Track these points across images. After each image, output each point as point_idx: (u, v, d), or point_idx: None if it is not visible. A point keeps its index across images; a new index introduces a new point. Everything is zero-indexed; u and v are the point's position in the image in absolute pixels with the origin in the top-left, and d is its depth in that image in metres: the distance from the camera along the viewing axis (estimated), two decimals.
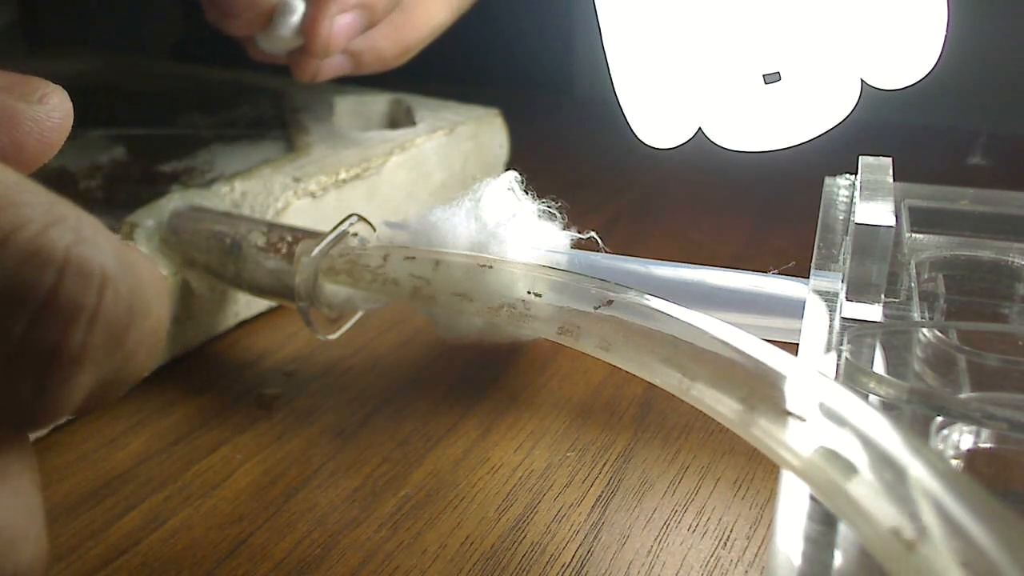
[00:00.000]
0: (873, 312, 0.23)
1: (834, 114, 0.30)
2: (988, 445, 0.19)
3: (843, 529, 0.16)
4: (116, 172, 0.38)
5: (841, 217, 0.28)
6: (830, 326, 0.23)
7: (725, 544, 0.23)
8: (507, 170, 0.29)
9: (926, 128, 0.54)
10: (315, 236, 0.29)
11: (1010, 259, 0.25)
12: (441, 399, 0.29)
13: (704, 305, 0.24)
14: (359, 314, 0.30)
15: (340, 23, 0.34)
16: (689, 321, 0.20)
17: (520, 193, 0.28)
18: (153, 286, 0.13)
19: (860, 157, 0.28)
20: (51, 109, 0.18)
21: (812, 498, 0.16)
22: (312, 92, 0.44)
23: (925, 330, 0.22)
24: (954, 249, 0.26)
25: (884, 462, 0.15)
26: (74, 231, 0.13)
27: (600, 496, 0.24)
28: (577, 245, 0.29)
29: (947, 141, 0.53)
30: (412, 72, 0.42)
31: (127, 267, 0.13)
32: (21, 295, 0.12)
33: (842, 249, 0.26)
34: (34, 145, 0.17)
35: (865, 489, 0.15)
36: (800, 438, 0.17)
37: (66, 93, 0.18)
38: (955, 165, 0.49)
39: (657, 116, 0.31)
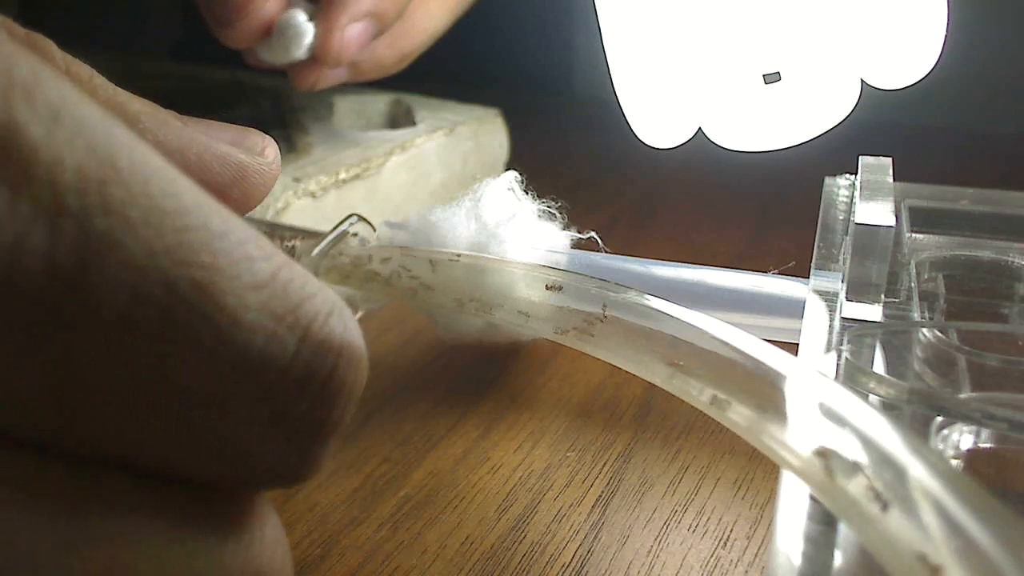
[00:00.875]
0: (873, 312, 0.23)
1: (834, 114, 0.30)
2: (988, 445, 0.19)
3: (843, 529, 0.16)
4: None
5: (841, 217, 0.28)
6: (830, 326, 0.23)
7: (725, 544, 0.23)
8: (507, 170, 0.29)
9: (926, 128, 0.54)
10: (315, 236, 0.29)
11: (1010, 259, 0.25)
12: (441, 399, 0.29)
13: (704, 305, 0.24)
14: (359, 314, 0.30)
15: (351, 33, 0.34)
16: (689, 321, 0.20)
17: (520, 193, 0.28)
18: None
19: (860, 157, 0.28)
20: (271, 161, 0.20)
21: (812, 498, 0.16)
22: (312, 93, 0.44)
23: (925, 330, 0.22)
24: (954, 249, 0.26)
25: (884, 462, 0.15)
26: (343, 318, 0.14)
27: (600, 496, 0.24)
28: (577, 245, 0.29)
29: (947, 141, 0.53)
30: (412, 72, 0.42)
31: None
32: (309, 381, 0.13)
33: (842, 249, 0.26)
34: (257, 195, 0.19)
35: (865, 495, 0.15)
36: (800, 438, 0.17)
37: (274, 142, 0.20)
38: (955, 165, 0.49)
39: (657, 116, 0.31)
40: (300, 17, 0.34)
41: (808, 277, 0.25)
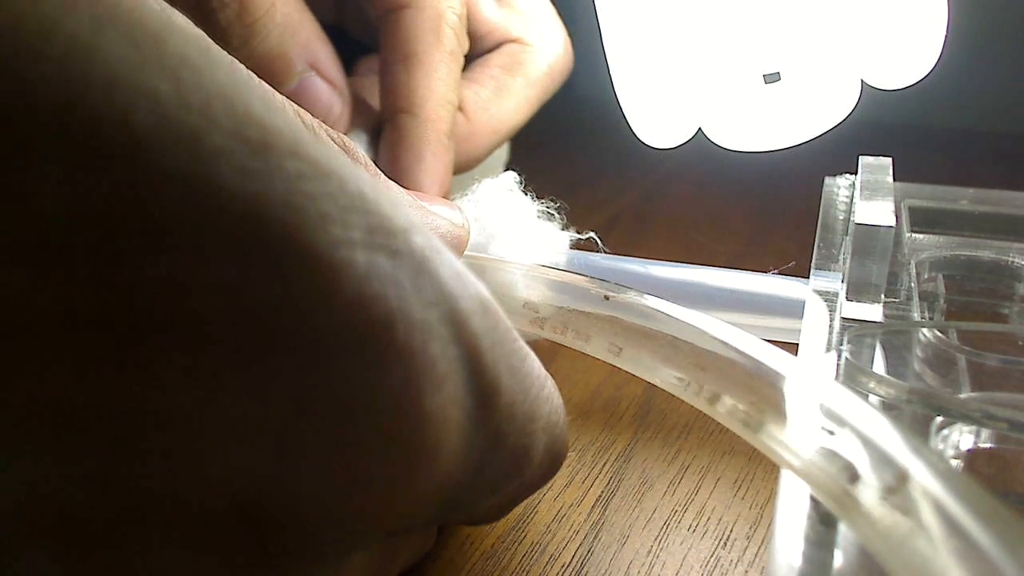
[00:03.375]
0: (873, 312, 0.23)
1: (834, 114, 0.30)
2: (988, 445, 0.19)
3: (843, 529, 0.16)
4: None
5: (841, 217, 0.28)
6: (830, 326, 0.23)
7: (725, 544, 0.23)
8: (507, 170, 0.29)
9: (926, 128, 0.54)
10: None
11: (1010, 259, 0.25)
12: None
13: (704, 305, 0.24)
14: None
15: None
16: (689, 321, 0.20)
17: (520, 193, 0.28)
18: None
19: (860, 157, 0.28)
20: (467, 231, 0.25)
21: (812, 498, 0.16)
22: None
23: (925, 330, 0.22)
24: (954, 249, 0.26)
25: (884, 462, 0.15)
26: (565, 429, 0.18)
27: (600, 496, 0.24)
28: (577, 245, 0.29)
29: (947, 141, 0.53)
30: None
31: None
32: (541, 483, 0.19)
33: (842, 249, 0.26)
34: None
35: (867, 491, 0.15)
36: (800, 438, 0.17)
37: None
38: (955, 165, 0.49)
39: (657, 116, 0.31)
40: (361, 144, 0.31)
41: (808, 277, 0.25)
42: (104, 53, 0.11)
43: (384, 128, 0.29)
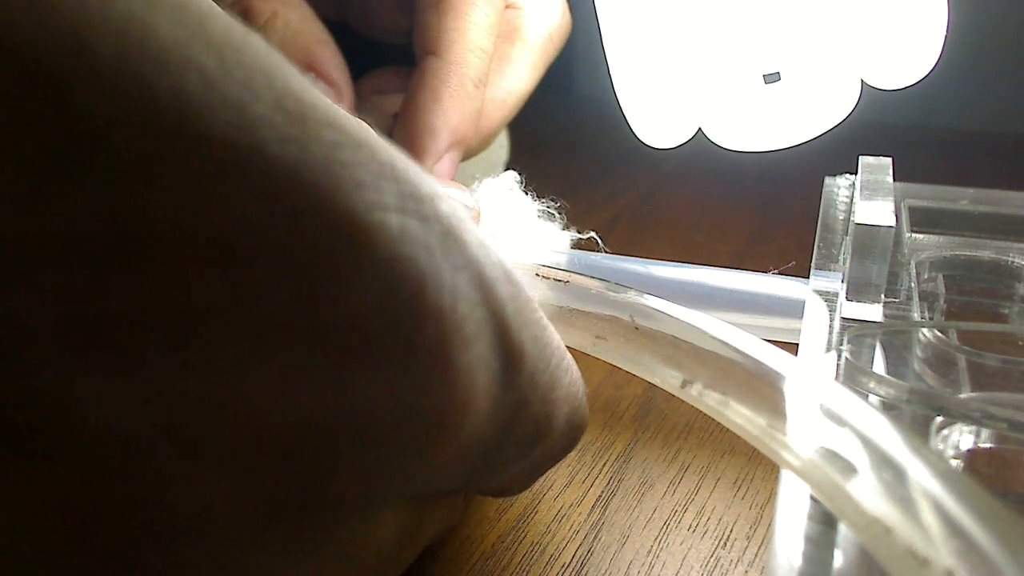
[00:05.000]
0: (873, 312, 0.23)
1: (834, 114, 0.30)
2: (988, 445, 0.19)
3: (843, 529, 0.16)
4: None
5: (841, 217, 0.28)
6: (830, 326, 0.23)
7: (725, 544, 0.23)
8: (507, 170, 0.29)
9: (926, 128, 0.54)
10: None
11: (1010, 259, 0.25)
12: None
13: (704, 305, 0.24)
14: None
15: (440, 170, 0.30)
16: (689, 321, 0.20)
17: (520, 193, 0.28)
18: None
19: (860, 157, 0.28)
20: (478, 214, 0.26)
21: (812, 498, 0.16)
22: None
23: (925, 330, 0.22)
24: (954, 249, 0.26)
25: (884, 462, 0.15)
26: (585, 400, 0.19)
27: (600, 496, 0.24)
28: (577, 245, 0.29)
29: (947, 141, 0.53)
30: None
31: None
32: (563, 453, 0.19)
33: (842, 249, 0.26)
34: None
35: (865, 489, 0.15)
36: (800, 438, 0.17)
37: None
38: (955, 165, 0.49)
39: (657, 116, 0.31)
40: None
41: (808, 277, 0.25)
42: (156, 29, 0.12)
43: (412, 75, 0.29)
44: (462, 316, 0.14)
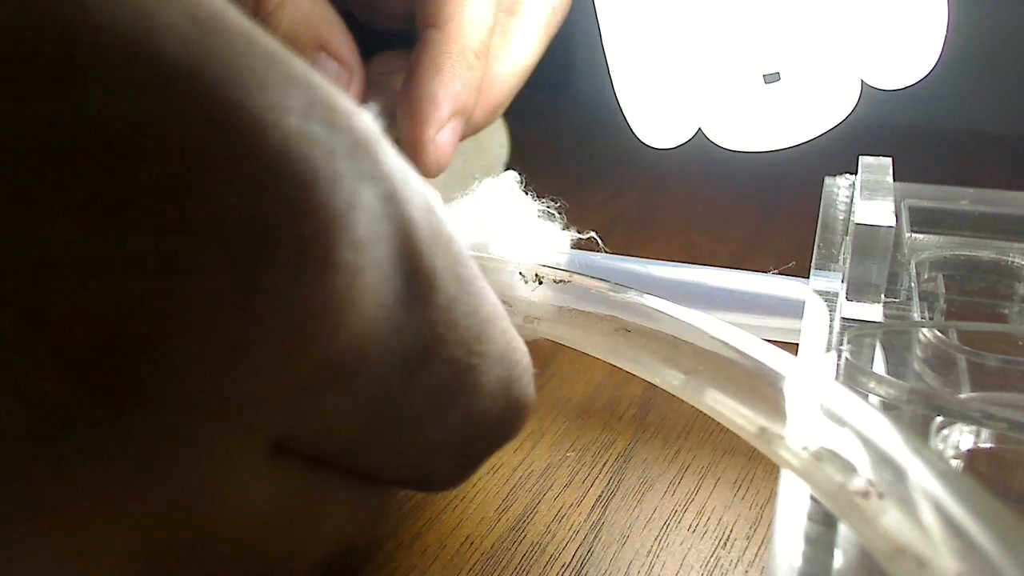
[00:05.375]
0: (873, 312, 0.23)
1: (834, 114, 0.30)
2: (988, 445, 0.19)
3: (843, 529, 0.16)
4: None
5: (841, 217, 0.28)
6: (830, 326, 0.23)
7: (725, 544, 0.23)
8: (507, 170, 0.29)
9: (926, 128, 0.54)
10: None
11: (1010, 259, 0.25)
12: None
13: (704, 305, 0.24)
14: None
15: (442, 141, 0.30)
16: (689, 321, 0.20)
17: (520, 193, 0.28)
18: None
19: (860, 157, 0.28)
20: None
21: (812, 498, 0.16)
22: None
23: (925, 330, 0.22)
24: (954, 249, 0.26)
25: (884, 462, 0.15)
26: (529, 376, 0.18)
27: (600, 496, 0.24)
28: (577, 245, 0.29)
29: (947, 141, 0.53)
30: None
31: None
32: (506, 435, 0.18)
33: (842, 249, 0.26)
34: None
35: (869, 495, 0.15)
36: (800, 438, 0.17)
37: None
38: (955, 165, 0.49)
39: (657, 116, 0.31)
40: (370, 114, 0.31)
41: (808, 277, 0.25)
42: None
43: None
44: (356, 221, 0.13)
